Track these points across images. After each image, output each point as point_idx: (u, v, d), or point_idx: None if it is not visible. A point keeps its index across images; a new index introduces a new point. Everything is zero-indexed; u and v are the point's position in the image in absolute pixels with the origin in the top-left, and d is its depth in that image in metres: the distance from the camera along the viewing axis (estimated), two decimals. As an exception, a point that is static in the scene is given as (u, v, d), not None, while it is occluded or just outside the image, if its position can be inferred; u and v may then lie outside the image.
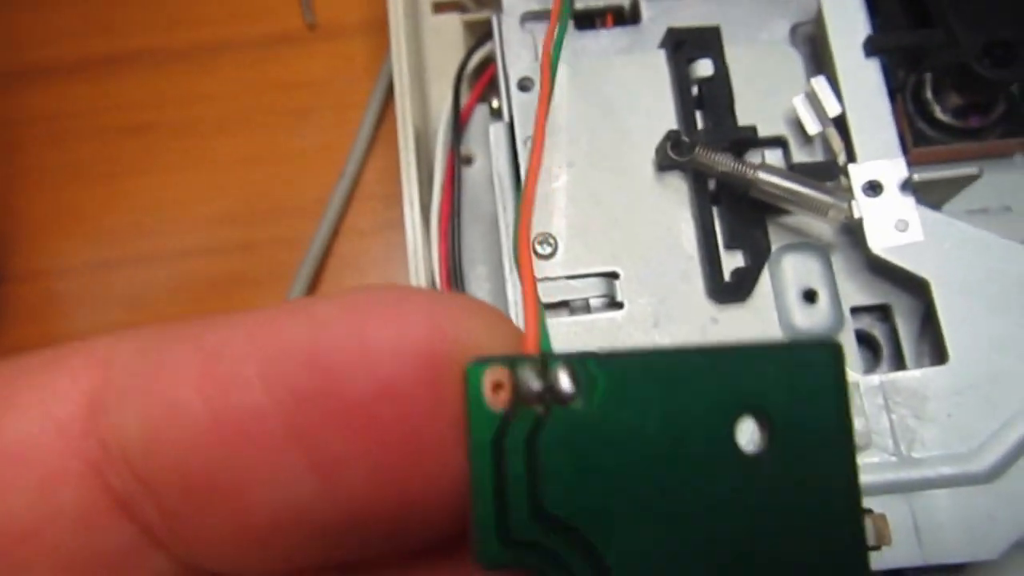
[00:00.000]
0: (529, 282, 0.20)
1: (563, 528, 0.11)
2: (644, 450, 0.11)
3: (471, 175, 0.35)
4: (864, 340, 0.29)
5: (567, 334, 0.28)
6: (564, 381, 0.11)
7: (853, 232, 0.28)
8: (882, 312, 0.29)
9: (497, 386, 0.11)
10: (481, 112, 0.35)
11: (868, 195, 0.26)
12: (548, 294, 0.28)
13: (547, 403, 0.11)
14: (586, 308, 0.28)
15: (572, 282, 0.28)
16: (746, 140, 0.28)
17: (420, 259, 0.31)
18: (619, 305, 0.28)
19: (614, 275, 0.28)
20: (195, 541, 0.12)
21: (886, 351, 0.29)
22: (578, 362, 0.11)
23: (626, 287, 0.28)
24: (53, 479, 0.11)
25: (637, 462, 0.11)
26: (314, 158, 0.44)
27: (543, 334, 0.12)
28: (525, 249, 0.20)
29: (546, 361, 0.11)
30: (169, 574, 0.12)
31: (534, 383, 0.11)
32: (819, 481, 0.11)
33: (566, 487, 0.11)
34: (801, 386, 0.11)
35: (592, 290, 0.28)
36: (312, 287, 0.42)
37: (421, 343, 0.11)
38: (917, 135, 0.28)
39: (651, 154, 0.29)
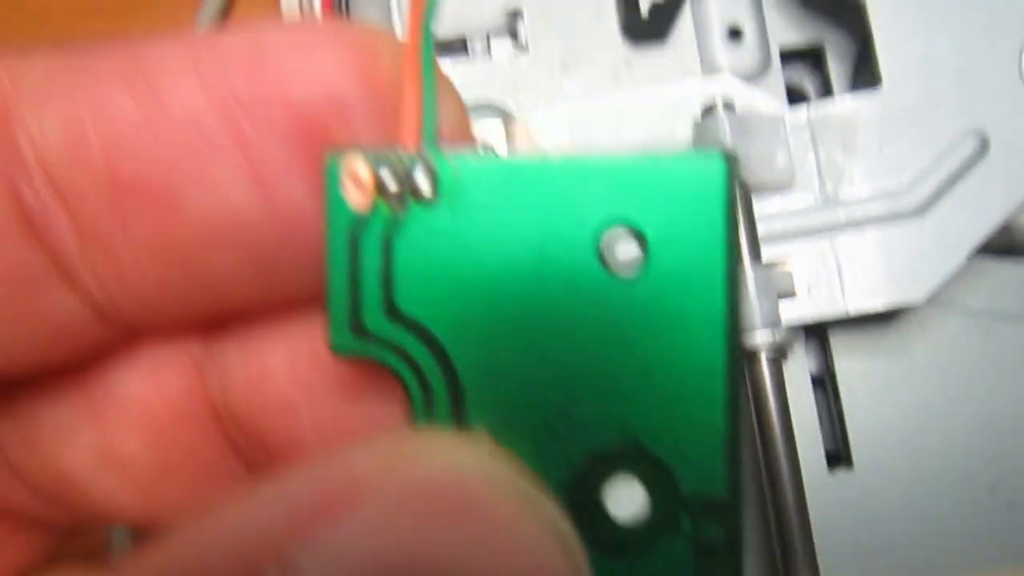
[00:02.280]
0: (413, 58, 0.15)
1: (415, 327, 0.11)
2: (505, 258, 0.11)
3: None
4: (793, 93, 0.26)
5: (464, 83, 0.24)
6: (423, 183, 0.11)
7: (785, -33, 0.25)
8: (814, 61, 0.26)
9: (356, 179, 0.11)
10: None
11: (802, -97, 0.23)
12: (441, 28, 0.24)
13: (406, 202, 0.11)
14: (487, 52, 0.25)
15: (470, 14, 0.24)
16: None
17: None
18: (523, 47, 0.25)
19: (517, 13, 0.25)
20: (113, 260, 0.11)
21: (815, 100, 0.26)
22: (442, 162, 0.11)
23: (531, 26, 0.25)
24: None
25: (496, 270, 0.11)
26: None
27: (428, 123, 0.11)
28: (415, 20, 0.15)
29: (409, 160, 0.11)
30: (75, 314, 0.11)
31: (392, 183, 0.11)
32: (691, 316, 0.11)
33: (420, 288, 0.11)
34: (683, 203, 0.11)
35: (491, 25, 0.24)
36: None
37: (362, 61, 0.11)
38: None
39: None
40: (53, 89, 0.11)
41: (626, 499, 0.11)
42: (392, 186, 0.11)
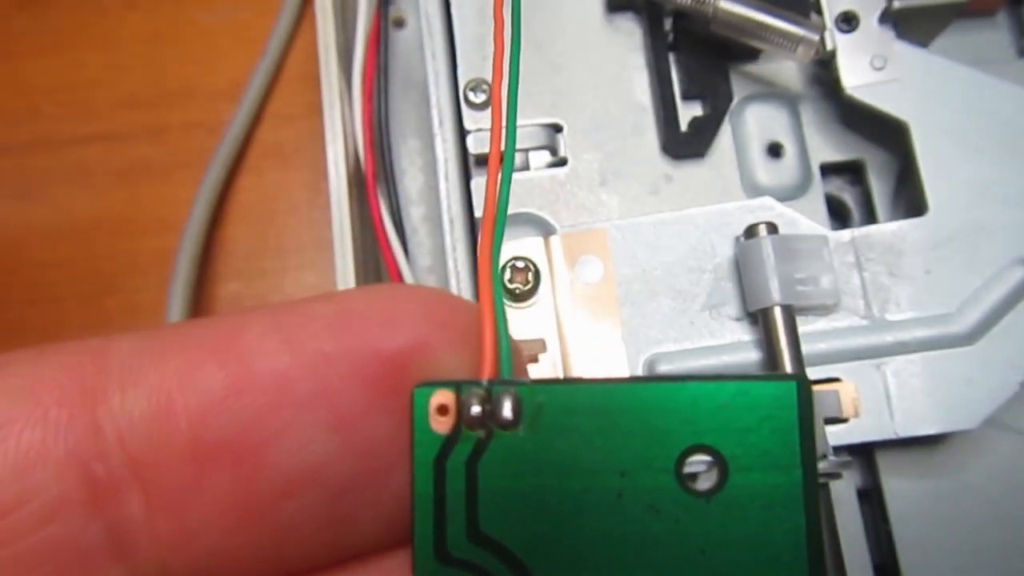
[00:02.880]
0: (488, 305, 0.14)
1: (498, 548, 0.11)
2: (585, 480, 0.11)
3: (403, 38, 0.31)
4: (834, 206, 0.26)
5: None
6: (506, 408, 0.11)
7: (824, 82, 0.25)
8: (854, 174, 0.26)
9: (442, 409, 0.11)
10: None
11: (843, 28, 0.23)
12: (480, 145, 0.24)
13: (489, 428, 0.11)
14: (525, 165, 0.25)
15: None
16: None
17: (337, 118, 0.28)
18: (562, 161, 0.25)
19: (557, 128, 0.25)
20: (180, 522, 0.11)
21: (857, 216, 0.26)
22: (524, 389, 0.11)
23: (570, 141, 0.25)
24: (29, 461, 0.11)
25: (577, 491, 0.11)
26: (228, 36, 0.39)
27: (504, 353, 0.12)
28: (485, 269, 0.13)
29: (491, 387, 0.11)
30: None
31: (476, 408, 0.11)
32: (771, 531, 0.11)
33: (502, 510, 0.11)
34: (758, 425, 0.11)
35: (531, 140, 0.24)
36: (231, 176, 0.38)
37: (441, 314, 0.12)
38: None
39: (599, -9, 0.25)
40: (139, 365, 0.11)
41: None
42: (476, 412, 0.11)
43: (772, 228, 0.22)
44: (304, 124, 0.39)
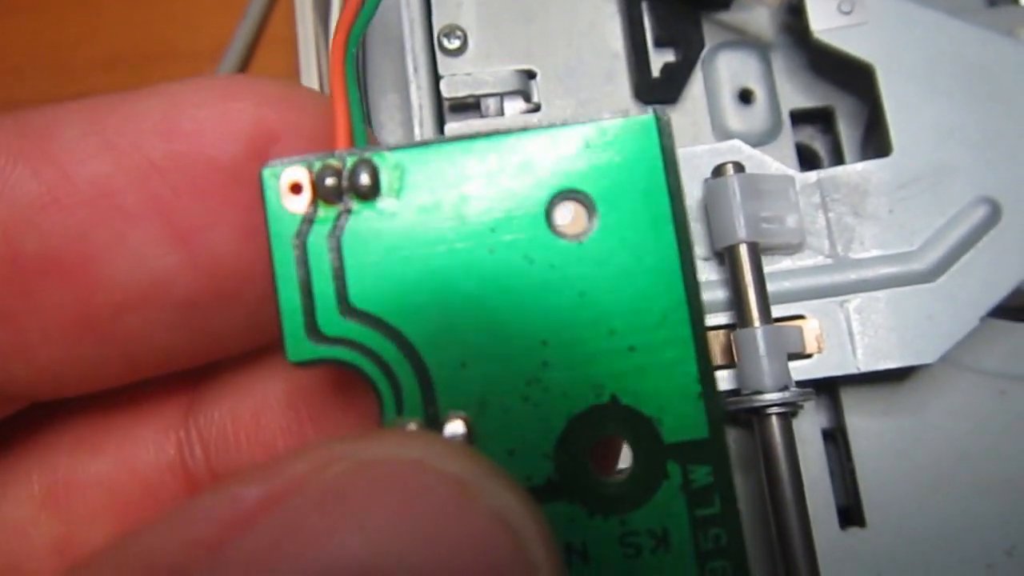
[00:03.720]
0: (338, 69, 0.15)
1: (373, 321, 0.11)
2: (456, 240, 0.11)
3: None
4: (805, 154, 0.26)
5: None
6: (363, 176, 0.11)
7: (795, 31, 0.26)
8: (825, 123, 0.27)
9: (295, 187, 0.11)
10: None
11: (811, -27, 0.24)
12: (454, 89, 0.25)
13: (348, 200, 0.11)
14: (500, 111, 0.25)
15: (483, 75, 0.25)
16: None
17: (313, 72, 0.28)
18: (536, 108, 0.25)
19: (531, 74, 0.25)
20: (17, 337, 0.11)
21: (827, 163, 0.26)
22: (380, 156, 0.11)
23: (544, 87, 0.25)
24: None
25: (447, 252, 0.11)
26: (210, -4, 0.39)
27: (358, 129, 0.12)
28: (340, 41, 0.13)
29: (345, 158, 0.11)
30: None
31: (331, 180, 0.11)
32: (646, 266, 0.11)
33: (374, 281, 0.11)
34: (620, 161, 0.11)
35: (505, 86, 0.25)
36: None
37: (281, 112, 0.11)
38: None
39: (573, -61, 0.26)
40: None
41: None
42: (331, 183, 0.11)
43: (739, 168, 0.22)
44: (286, 85, 0.39)
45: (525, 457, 0.11)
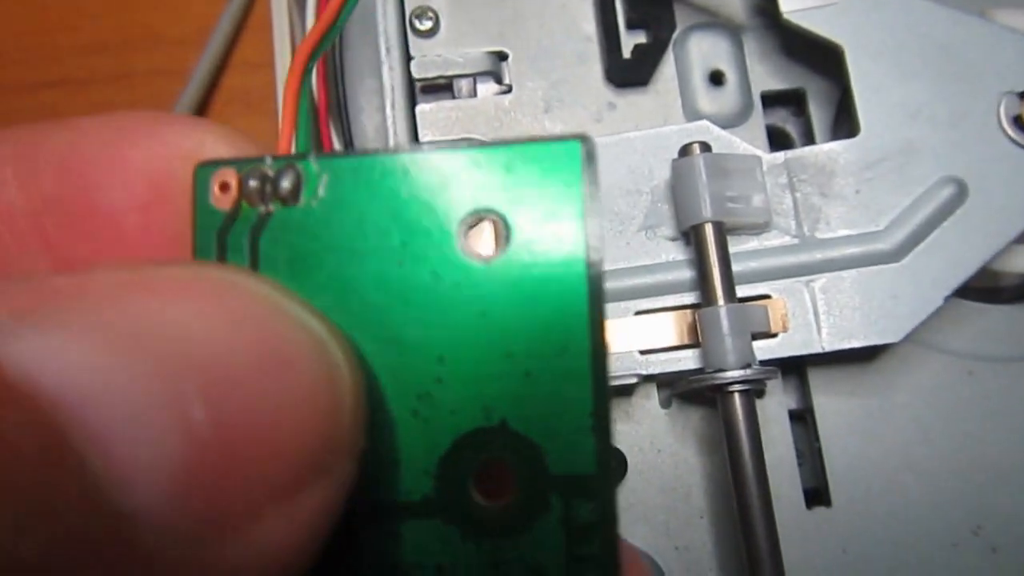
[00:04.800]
0: (295, 76, 0.15)
1: None
2: (366, 250, 0.11)
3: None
4: (777, 137, 0.27)
5: (447, 120, 0.25)
6: (285, 181, 0.11)
7: (767, 13, 0.26)
8: (797, 106, 0.27)
9: (224, 186, 0.11)
10: None
11: (780, -46, 0.24)
12: (425, 70, 0.25)
13: (269, 202, 0.11)
14: (472, 92, 0.25)
15: (455, 56, 0.25)
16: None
17: (287, 56, 0.28)
18: (508, 89, 0.25)
19: (502, 56, 0.25)
20: None
21: (798, 144, 0.26)
22: (306, 164, 0.11)
23: (515, 69, 0.25)
24: None
25: (358, 261, 0.11)
26: (197, -19, 0.39)
27: (302, 135, 0.12)
28: (303, 53, 0.14)
29: (274, 163, 0.11)
30: None
31: (254, 183, 0.11)
32: (552, 295, 0.11)
33: (281, 280, 0.11)
34: (540, 186, 0.11)
35: (477, 67, 0.25)
36: (196, 122, 0.38)
37: (173, 160, 0.12)
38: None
39: (546, -79, 0.26)
40: None
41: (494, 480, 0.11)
42: (254, 186, 0.11)
43: (705, 147, 0.22)
44: (270, 72, 0.39)
45: (406, 471, 0.11)
